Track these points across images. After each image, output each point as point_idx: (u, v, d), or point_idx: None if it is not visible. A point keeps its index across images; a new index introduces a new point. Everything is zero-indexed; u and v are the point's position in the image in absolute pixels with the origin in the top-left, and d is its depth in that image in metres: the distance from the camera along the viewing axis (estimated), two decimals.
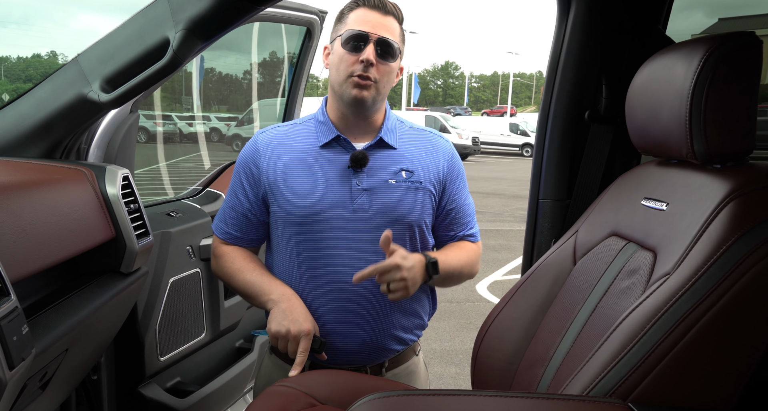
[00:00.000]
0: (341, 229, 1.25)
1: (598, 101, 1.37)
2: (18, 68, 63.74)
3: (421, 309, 1.35)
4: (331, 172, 1.27)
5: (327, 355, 1.28)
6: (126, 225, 1.22)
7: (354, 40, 1.21)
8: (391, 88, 1.29)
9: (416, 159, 1.30)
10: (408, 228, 1.28)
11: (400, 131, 1.33)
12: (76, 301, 1.05)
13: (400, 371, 1.35)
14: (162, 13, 1.10)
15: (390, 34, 1.23)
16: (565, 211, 1.43)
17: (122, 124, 1.42)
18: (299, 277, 1.28)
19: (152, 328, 1.55)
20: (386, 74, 1.24)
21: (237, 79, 5.32)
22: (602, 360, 0.84)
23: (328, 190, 1.26)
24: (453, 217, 1.35)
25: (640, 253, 0.99)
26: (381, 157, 1.28)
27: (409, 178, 1.28)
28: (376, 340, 1.29)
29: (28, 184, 1.02)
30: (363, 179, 1.26)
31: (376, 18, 1.22)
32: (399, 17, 1.26)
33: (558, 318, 1.13)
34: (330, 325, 1.27)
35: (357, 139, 1.29)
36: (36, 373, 0.91)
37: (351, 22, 1.23)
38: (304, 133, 1.32)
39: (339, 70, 1.23)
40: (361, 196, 1.26)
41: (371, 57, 1.20)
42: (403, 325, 1.32)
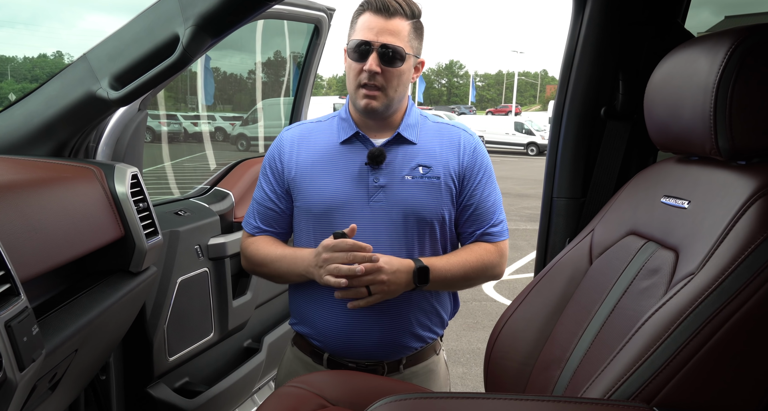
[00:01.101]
0: (358, 226, 1.24)
1: (614, 97, 1.35)
2: (24, 68, 64.06)
3: (441, 307, 1.35)
4: (349, 168, 1.28)
5: (345, 351, 1.30)
6: (135, 224, 1.20)
7: (358, 49, 1.22)
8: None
9: (435, 154, 1.30)
10: (425, 224, 1.28)
11: (421, 126, 1.33)
12: (86, 301, 1.04)
13: (418, 369, 1.35)
14: (171, 10, 1.09)
15: (394, 37, 1.21)
16: (579, 210, 1.40)
17: (131, 122, 1.40)
18: None
19: (161, 328, 1.54)
20: (395, 78, 1.23)
21: (242, 78, 5.31)
22: (624, 362, 0.82)
23: (346, 186, 1.27)
24: (473, 213, 1.32)
25: (661, 253, 0.97)
26: (399, 153, 1.29)
27: (426, 173, 1.28)
28: (394, 337, 1.29)
29: (37, 182, 1.01)
30: (380, 176, 1.27)
31: (380, 23, 1.21)
32: (408, 13, 1.24)
33: (574, 318, 1.11)
34: (347, 321, 1.28)
35: (376, 135, 1.30)
36: (46, 373, 0.90)
37: (357, 29, 1.24)
38: (327, 129, 1.34)
39: (349, 79, 1.26)
40: (378, 192, 1.26)
41: (374, 67, 1.20)
42: (422, 322, 1.31)
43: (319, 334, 1.31)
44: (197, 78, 5.01)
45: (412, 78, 1.28)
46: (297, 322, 1.37)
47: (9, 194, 0.90)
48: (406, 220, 1.26)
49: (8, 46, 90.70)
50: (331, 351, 1.32)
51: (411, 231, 1.27)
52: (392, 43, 1.21)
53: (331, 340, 1.30)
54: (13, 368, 0.73)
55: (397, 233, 1.26)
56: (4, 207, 0.87)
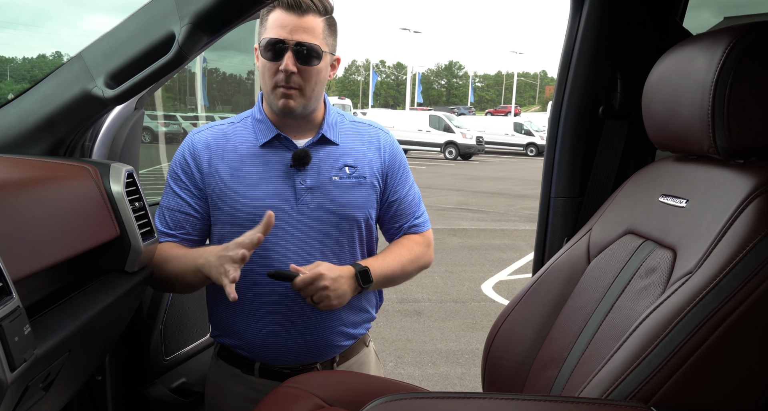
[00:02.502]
0: (287, 230, 1.22)
1: (612, 96, 1.34)
2: (23, 69, 64.12)
3: (367, 304, 1.35)
4: (273, 171, 1.24)
5: (276, 358, 1.28)
6: (131, 223, 1.19)
7: (272, 48, 1.18)
8: (395, 90, 1.27)
9: (358, 154, 1.28)
10: (355, 224, 1.27)
11: (341, 126, 1.31)
12: (80, 301, 1.03)
13: (351, 364, 1.35)
14: (167, 7, 1.08)
15: (309, 35, 1.17)
16: (577, 209, 1.40)
17: (127, 121, 1.40)
18: (244, 280, 1.21)
19: (157, 328, 1.53)
20: (312, 77, 1.20)
21: (241, 79, 5.31)
22: (622, 362, 0.82)
23: (271, 190, 1.23)
24: (396, 208, 1.34)
25: (659, 252, 0.96)
26: (323, 154, 1.26)
27: (353, 173, 1.26)
28: (324, 338, 1.28)
29: (31, 181, 1.00)
30: (306, 178, 1.24)
31: (293, 21, 1.17)
32: (320, 10, 1.19)
33: (572, 318, 1.11)
34: (274, 328, 1.26)
35: (297, 136, 1.26)
36: (39, 374, 0.89)
37: (269, 26, 1.19)
38: (243, 132, 1.29)
39: (264, 79, 1.21)
40: (306, 194, 1.23)
41: (290, 66, 1.16)
42: (351, 320, 1.31)
43: (247, 343, 1.28)
44: (196, 79, 5.01)
45: (329, 75, 1.25)
46: (220, 334, 1.33)
47: (2, 193, 0.90)
48: (338, 221, 1.24)
49: (8, 47, 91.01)
50: (262, 360, 1.29)
51: (342, 232, 1.25)
52: (307, 41, 1.17)
53: (260, 348, 1.27)
54: (4, 368, 0.72)
55: (328, 235, 1.24)
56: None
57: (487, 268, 5.72)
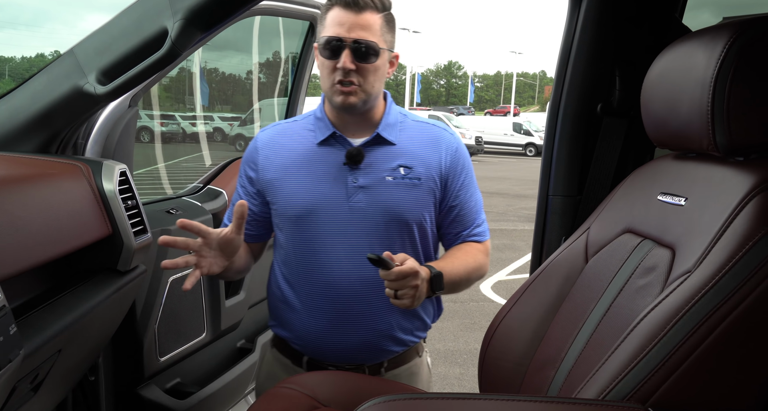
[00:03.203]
0: (337, 228, 1.22)
1: (611, 94, 1.33)
2: (22, 68, 64.10)
3: (422, 311, 1.32)
4: (327, 169, 1.24)
5: (323, 354, 1.28)
6: (123, 221, 1.18)
7: (329, 46, 1.18)
8: (394, 89, 1.26)
9: (416, 154, 1.26)
10: (406, 226, 1.25)
11: (402, 126, 1.29)
12: (70, 300, 1.02)
13: (400, 372, 1.33)
14: (160, 3, 1.07)
15: (367, 32, 1.17)
16: (575, 208, 1.38)
17: (121, 119, 1.38)
18: (296, 273, 1.27)
19: (151, 328, 1.52)
20: (371, 74, 1.19)
21: (240, 79, 5.31)
22: (619, 362, 0.80)
23: (323, 187, 1.23)
24: (457, 214, 1.30)
25: (657, 250, 0.95)
26: (379, 154, 1.25)
27: (408, 174, 1.24)
28: (373, 341, 1.26)
29: (20, 178, 0.99)
30: (359, 176, 1.23)
31: (350, 18, 1.17)
32: (378, 6, 1.19)
33: (569, 318, 1.09)
34: (324, 324, 1.26)
35: (354, 135, 1.26)
36: (27, 374, 0.88)
37: (327, 24, 1.19)
38: (303, 130, 1.30)
39: (323, 77, 1.22)
40: (357, 193, 1.23)
41: (348, 64, 1.16)
42: (402, 326, 1.29)
43: (298, 337, 1.29)
44: (195, 78, 5.00)
45: (387, 73, 1.24)
46: (276, 324, 1.35)
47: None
48: (388, 221, 1.23)
49: (8, 47, 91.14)
50: (310, 354, 1.30)
51: (392, 233, 1.24)
52: (365, 39, 1.17)
53: (309, 343, 1.28)
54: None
55: (378, 235, 1.23)
56: None
57: None
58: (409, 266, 1.11)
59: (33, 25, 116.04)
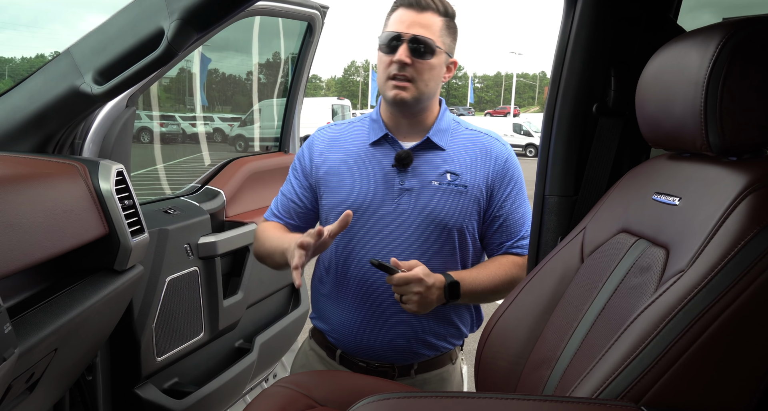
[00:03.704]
0: (379, 227, 1.25)
1: (606, 94, 1.33)
2: (22, 68, 64.22)
3: (457, 318, 1.34)
4: (376, 170, 1.27)
5: (356, 350, 1.31)
6: (120, 221, 1.18)
7: (388, 42, 1.22)
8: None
9: (464, 162, 1.29)
10: (446, 231, 1.26)
11: (454, 133, 1.32)
12: (66, 300, 1.02)
13: (431, 377, 1.34)
14: (156, 3, 1.07)
15: (425, 30, 1.21)
16: (571, 208, 1.38)
17: (118, 119, 1.39)
18: (335, 268, 1.30)
19: (149, 328, 1.52)
20: (425, 72, 1.22)
21: (240, 79, 5.31)
22: (613, 361, 0.80)
23: (371, 187, 1.26)
24: (501, 224, 1.32)
25: (652, 250, 0.95)
26: (427, 158, 1.28)
27: (454, 180, 1.27)
28: (404, 342, 1.28)
29: (15, 178, 0.99)
30: (406, 179, 1.26)
31: (411, 17, 1.22)
32: (440, 10, 1.24)
33: (565, 317, 1.09)
34: (359, 320, 1.28)
35: (406, 138, 1.29)
36: (22, 373, 0.88)
37: (389, 23, 1.25)
38: (358, 130, 1.34)
39: (379, 73, 1.26)
40: (403, 195, 1.25)
41: (403, 57, 1.20)
42: (435, 331, 1.30)
43: (334, 330, 1.33)
44: (195, 79, 5.01)
45: (444, 77, 1.27)
46: (315, 316, 1.39)
47: None
48: (428, 225, 1.25)
49: (8, 48, 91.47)
50: (343, 348, 1.33)
51: (431, 237, 1.26)
52: (422, 35, 1.21)
53: (343, 337, 1.32)
54: None
55: (418, 238, 1.25)
56: None
57: None
58: (414, 273, 1.14)
59: (33, 25, 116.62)
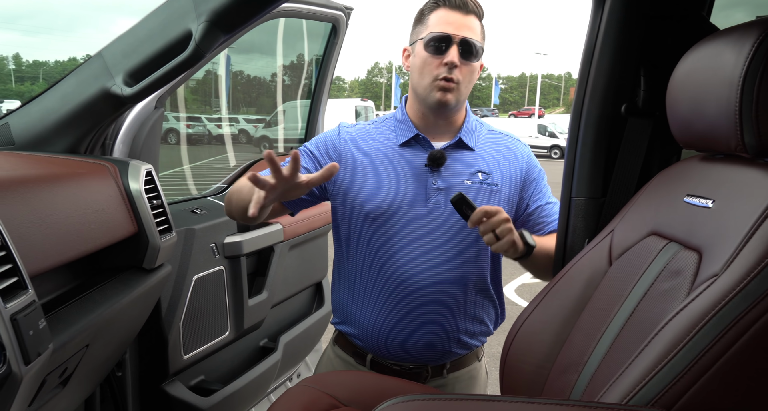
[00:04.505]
0: (413, 227, 1.24)
1: (635, 94, 1.31)
2: (55, 71, 66.07)
3: (486, 316, 1.34)
4: (408, 170, 1.26)
5: (389, 353, 1.29)
6: (149, 220, 1.21)
7: (437, 43, 1.20)
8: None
9: (494, 162, 1.30)
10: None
11: (479, 133, 1.33)
12: (97, 297, 1.04)
13: (461, 375, 1.35)
14: (185, 5, 1.09)
15: (472, 33, 1.22)
16: (599, 210, 1.36)
17: (147, 120, 1.41)
18: (368, 270, 1.28)
19: (176, 326, 1.55)
20: (469, 74, 1.23)
21: (265, 81, 5.36)
22: (643, 366, 0.79)
23: (404, 187, 1.25)
24: (537, 216, 1.34)
25: (683, 254, 0.93)
26: (458, 158, 1.28)
27: (486, 180, 1.28)
28: (440, 342, 1.28)
29: (50, 177, 1.02)
30: (439, 178, 1.26)
31: (458, 18, 1.21)
32: (480, 14, 1.25)
33: (593, 321, 1.08)
34: (394, 322, 1.27)
35: (436, 138, 1.29)
36: (55, 368, 0.90)
37: (433, 23, 1.22)
38: (385, 131, 1.33)
39: (423, 74, 1.23)
40: (436, 195, 1.25)
41: (455, 59, 1.19)
42: (468, 330, 1.30)
43: (364, 334, 1.30)
44: (220, 81, 5.07)
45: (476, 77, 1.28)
46: (340, 321, 1.36)
47: (20, 189, 0.91)
48: (463, 224, 1.24)
49: (44, 52, 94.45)
50: (375, 352, 1.31)
51: (467, 236, 1.26)
52: (472, 38, 1.21)
53: (375, 341, 1.29)
54: (18, 362, 0.73)
55: (452, 237, 1.25)
56: (16, 202, 0.87)
57: (510, 270, 5.67)
58: (492, 206, 1.13)
59: (68, 30, 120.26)
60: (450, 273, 1.25)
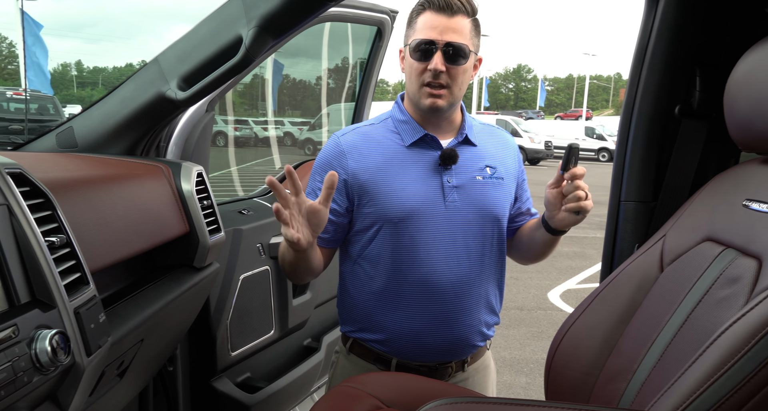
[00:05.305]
0: (435, 227, 1.25)
1: (690, 94, 1.26)
2: (113, 77, 69.11)
3: (497, 305, 1.38)
4: (421, 170, 1.27)
5: (416, 355, 1.29)
6: (199, 220, 1.25)
7: (421, 49, 1.20)
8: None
9: (495, 155, 1.33)
10: (496, 222, 1.30)
11: (476, 128, 1.35)
12: (152, 294, 1.08)
13: (478, 366, 1.37)
14: (236, 11, 1.12)
15: (458, 35, 1.20)
16: (650, 214, 1.32)
17: (198, 123, 1.46)
18: (392, 275, 1.26)
19: (224, 323, 1.59)
20: (459, 76, 1.22)
21: (310, 84, 5.45)
22: (698, 376, 0.76)
23: (421, 188, 1.26)
24: (522, 205, 1.40)
25: (742, 260, 0.89)
26: (466, 154, 1.30)
27: (493, 174, 1.30)
28: (464, 337, 1.29)
29: (109, 178, 1.07)
30: (452, 176, 1.27)
31: (443, 22, 1.20)
32: (469, 11, 1.22)
33: (643, 328, 1.05)
34: (423, 323, 1.27)
35: (441, 137, 1.30)
36: (113, 360, 0.94)
37: (418, 28, 1.22)
38: (387, 132, 1.31)
39: (411, 79, 1.24)
40: (452, 193, 1.26)
41: (439, 65, 1.19)
42: (486, 321, 1.33)
43: (389, 339, 1.28)
44: (267, 85, 5.18)
45: (471, 75, 1.27)
46: (358, 329, 1.32)
47: (83, 189, 0.96)
48: (482, 219, 1.28)
49: (103, 58, 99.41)
50: (400, 355, 1.29)
51: (486, 229, 1.28)
52: (456, 42, 1.20)
53: (401, 344, 1.28)
54: (81, 353, 0.76)
55: (472, 232, 1.27)
56: (78, 201, 0.92)
57: (555, 275, 5.55)
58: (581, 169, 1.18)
59: (126, 37, 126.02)
60: (472, 268, 1.27)
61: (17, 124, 11.29)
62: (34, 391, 0.69)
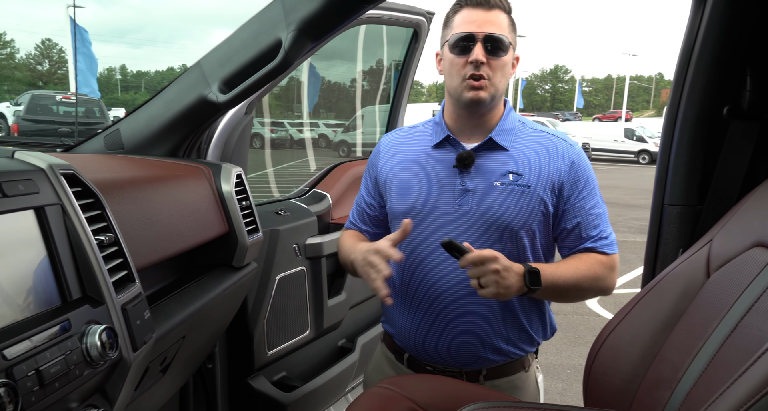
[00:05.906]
0: (441, 229, 1.24)
1: (740, 95, 1.22)
2: (155, 81, 71.15)
3: (527, 322, 1.28)
4: (438, 171, 1.27)
5: (421, 353, 1.30)
6: (238, 220, 1.27)
7: (461, 43, 1.20)
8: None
9: (529, 162, 1.24)
10: (509, 233, 1.22)
11: (518, 133, 1.28)
12: (193, 292, 1.11)
13: (500, 384, 1.29)
14: (276, 15, 1.14)
15: (497, 28, 1.20)
16: (695, 218, 1.28)
17: (238, 125, 1.49)
18: (400, 272, 1.31)
19: (261, 323, 1.61)
20: (499, 69, 1.21)
21: (344, 86, 5.48)
22: (748, 388, 0.73)
23: (432, 189, 1.26)
24: (576, 227, 1.25)
25: None
26: (490, 158, 1.25)
27: (516, 181, 1.22)
28: (470, 346, 1.26)
29: (154, 179, 1.10)
30: (467, 179, 1.24)
31: (481, 16, 1.20)
32: (505, 8, 1.23)
33: (688, 336, 1.01)
34: (423, 324, 1.28)
35: (469, 139, 1.28)
36: (157, 356, 0.97)
37: (456, 24, 1.22)
38: (422, 134, 1.35)
39: (452, 75, 1.23)
40: (464, 196, 1.24)
41: (480, 56, 1.18)
42: (503, 335, 1.26)
43: (399, 333, 1.34)
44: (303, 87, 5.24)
45: (510, 71, 1.25)
46: (384, 320, 1.41)
47: (130, 189, 0.99)
48: (488, 226, 1.22)
49: (146, 62, 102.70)
50: (410, 352, 1.34)
51: (493, 238, 1.22)
52: (496, 33, 1.19)
53: (409, 341, 1.32)
54: (128, 349, 0.79)
55: (478, 239, 1.23)
56: (126, 201, 0.95)
57: None
58: (489, 251, 1.10)
59: (168, 42, 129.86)
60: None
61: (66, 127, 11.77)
62: (84, 384, 0.72)
